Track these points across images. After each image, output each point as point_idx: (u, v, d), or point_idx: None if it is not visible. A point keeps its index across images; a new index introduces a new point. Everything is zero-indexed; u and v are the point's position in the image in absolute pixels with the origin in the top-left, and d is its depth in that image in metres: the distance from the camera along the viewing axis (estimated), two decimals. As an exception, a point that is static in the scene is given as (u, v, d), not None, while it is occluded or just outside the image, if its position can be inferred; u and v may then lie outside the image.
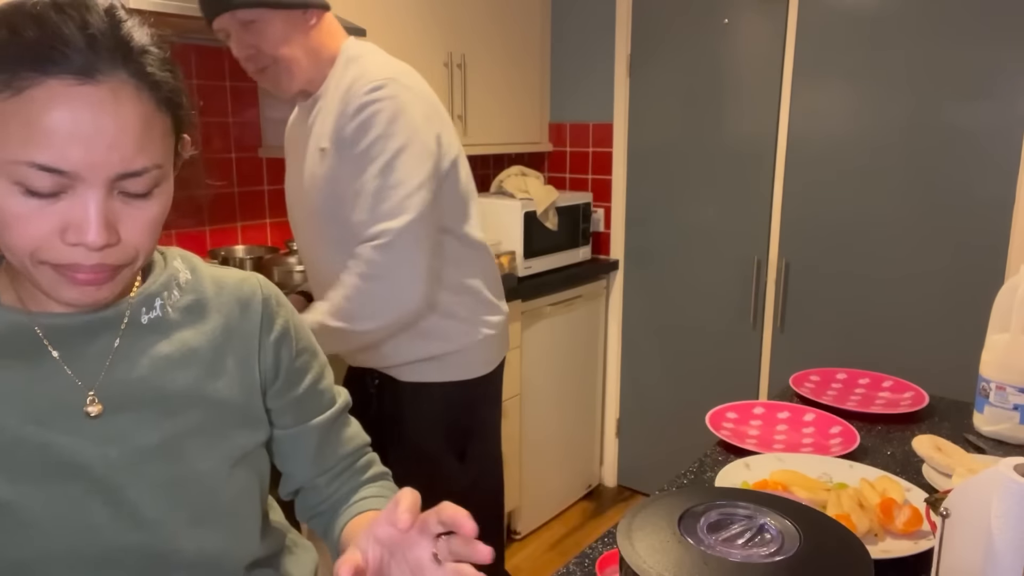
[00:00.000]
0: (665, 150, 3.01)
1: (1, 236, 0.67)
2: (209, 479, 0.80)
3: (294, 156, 1.64)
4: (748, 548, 0.73)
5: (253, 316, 0.88)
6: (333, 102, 1.51)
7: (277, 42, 1.45)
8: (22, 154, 0.62)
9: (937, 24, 2.38)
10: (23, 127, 0.61)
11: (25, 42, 0.61)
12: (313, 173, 1.55)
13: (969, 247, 2.43)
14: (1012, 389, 1.36)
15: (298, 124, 1.64)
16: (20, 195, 0.64)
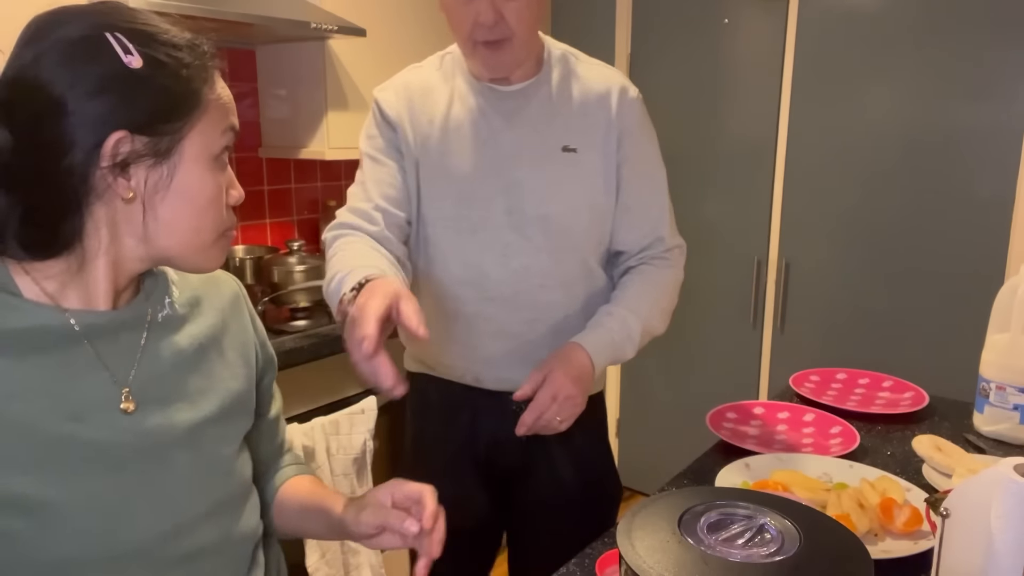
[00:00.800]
0: (665, 150, 3.00)
1: (195, 222, 0.78)
2: (227, 464, 0.86)
3: (462, 151, 1.31)
4: (748, 548, 0.73)
5: (242, 308, 0.95)
6: (571, 97, 1.33)
7: (529, 18, 1.22)
8: (225, 122, 0.80)
9: (937, 24, 2.38)
10: (218, 102, 0.80)
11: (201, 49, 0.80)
12: (547, 169, 1.30)
13: (969, 247, 2.43)
14: (1012, 389, 1.36)
15: (465, 112, 1.31)
16: (213, 168, 0.78)
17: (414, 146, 1.31)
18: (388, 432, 2.25)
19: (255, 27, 1.98)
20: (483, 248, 1.30)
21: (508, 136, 1.30)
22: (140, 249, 0.76)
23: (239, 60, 2.43)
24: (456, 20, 1.23)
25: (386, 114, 1.33)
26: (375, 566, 2.12)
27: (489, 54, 1.23)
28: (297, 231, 2.69)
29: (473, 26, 1.20)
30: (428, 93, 1.33)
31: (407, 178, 1.32)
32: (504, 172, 1.29)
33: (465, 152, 1.30)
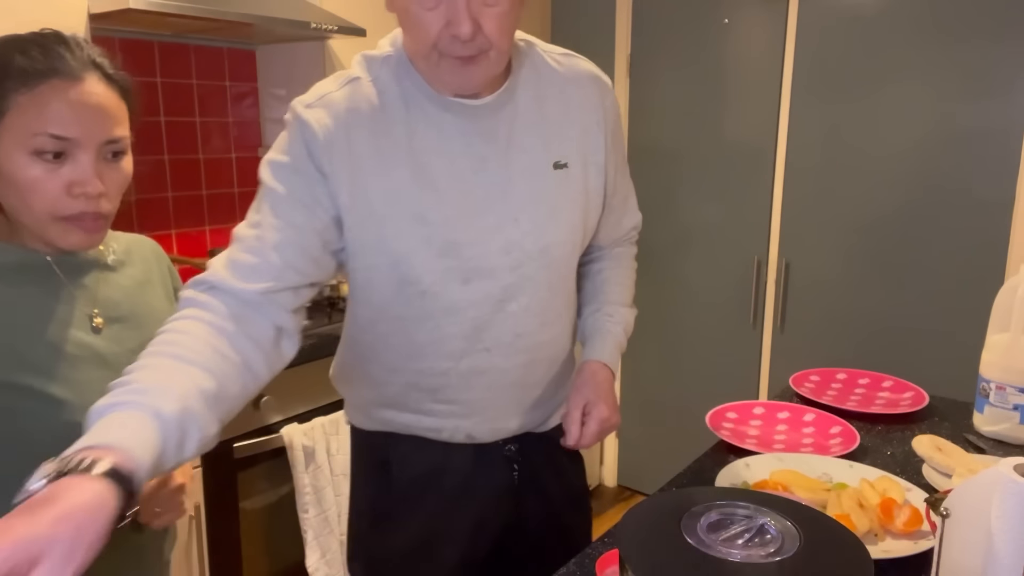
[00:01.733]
0: (665, 150, 3.01)
1: (24, 201, 0.92)
2: None
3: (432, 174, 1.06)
4: (748, 548, 0.73)
5: (163, 260, 1.17)
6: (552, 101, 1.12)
7: (509, 26, 0.99)
8: (38, 127, 0.89)
9: (937, 24, 2.38)
10: (38, 111, 0.90)
11: (35, 61, 0.93)
12: (542, 193, 1.11)
13: (969, 247, 2.43)
14: (1012, 389, 1.36)
15: (433, 130, 1.06)
16: (36, 161, 0.90)
17: (359, 191, 1.02)
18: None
19: (255, 27, 1.98)
20: (477, 299, 1.09)
21: (494, 161, 1.07)
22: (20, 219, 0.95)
23: (239, 60, 2.44)
24: (415, 25, 0.97)
25: (313, 144, 1.02)
26: (375, 566, 2.12)
27: (460, 69, 0.99)
28: (297, 231, 2.69)
29: (440, 36, 0.96)
30: (377, 116, 1.04)
31: (329, 232, 1.03)
32: (496, 205, 1.07)
33: (444, 189, 1.05)
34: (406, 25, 0.99)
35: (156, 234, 2.29)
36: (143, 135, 2.23)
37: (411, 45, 1.01)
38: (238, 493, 1.87)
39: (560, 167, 1.12)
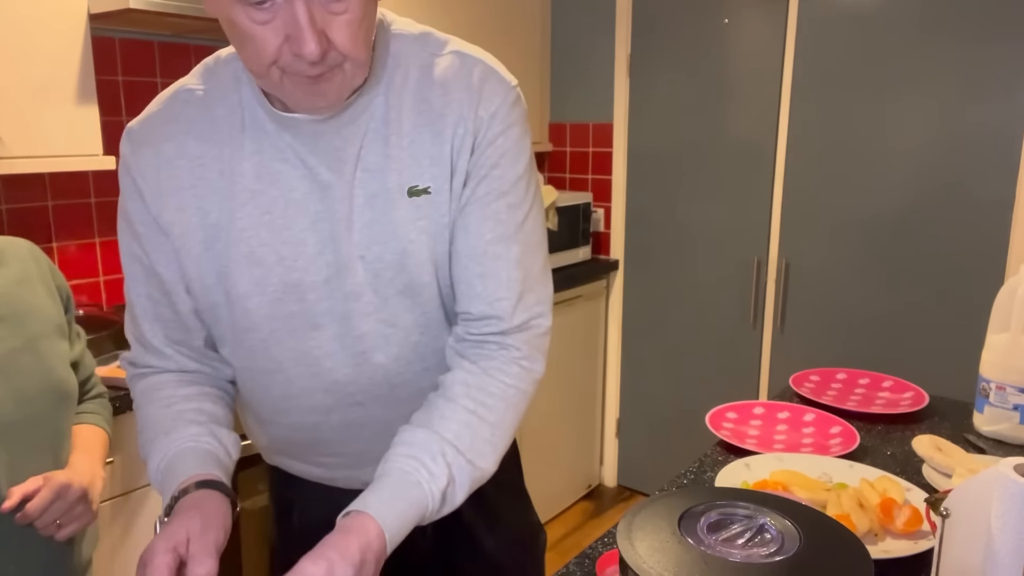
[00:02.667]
0: (665, 150, 3.01)
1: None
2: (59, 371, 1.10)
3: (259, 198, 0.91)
4: (748, 548, 0.73)
5: (39, 258, 1.15)
6: (416, 117, 0.91)
7: (365, 32, 0.82)
8: None
9: (937, 24, 2.38)
10: None
11: None
12: (394, 225, 0.92)
13: (969, 247, 2.43)
14: (1012, 389, 1.36)
15: (276, 152, 0.90)
16: None
17: (188, 227, 0.91)
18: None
19: (255, 27, 1.98)
20: (332, 350, 0.95)
21: (339, 188, 0.90)
22: None
23: (239, 60, 2.44)
24: (246, 40, 0.80)
25: (140, 189, 0.91)
26: (375, 566, 2.11)
27: (310, 88, 0.82)
28: (297, 231, 2.68)
29: (280, 53, 0.79)
30: (204, 135, 0.90)
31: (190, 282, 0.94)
32: (341, 241, 0.90)
33: (280, 223, 0.90)
34: (235, 40, 0.82)
35: (156, 234, 2.29)
36: (143, 135, 2.23)
37: (245, 63, 0.83)
38: (238, 493, 1.87)
39: (417, 193, 0.90)
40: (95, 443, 1.17)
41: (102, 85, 2.08)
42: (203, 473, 0.87)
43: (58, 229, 2.07)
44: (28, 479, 0.99)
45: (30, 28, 1.64)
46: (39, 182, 2.01)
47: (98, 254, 2.16)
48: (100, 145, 1.79)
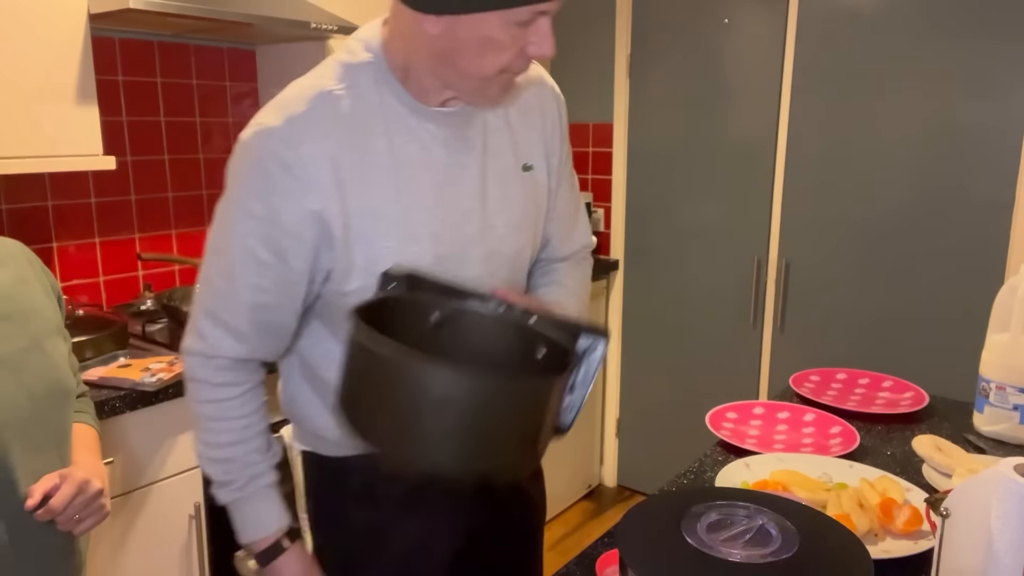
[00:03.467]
0: (665, 150, 3.01)
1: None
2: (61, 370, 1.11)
3: (424, 190, 1.02)
4: (748, 548, 0.73)
5: (33, 260, 1.15)
6: (514, 109, 1.11)
7: None
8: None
9: (937, 24, 2.38)
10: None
11: None
12: (504, 201, 1.09)
13: (969, 247, 2.43)
14: (1012, 389, 1.36)
15: (416, 144, 1.02)
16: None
17: (346, 216, 0.97)
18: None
19: (255, 27, 1.98)
20: None
21: (473, 168, 1.05)
22: None
23: (239, 60, 2.44)
24: (495, 47, 0.92)
25: (287, 179, 0.95)
26: (375, 566, 2.11)
27: (510, 86, 1.00)
28: (297, 231, 2.69)
29: (516, 58, 0.94)
30: (355, 130, 0.98)
31: (306, 283, 1.01)
32: (477, 214, 1.05)
33: (430, 203, 1.01)
34: (474, 50, 0.92)
35: (156, 234, 2.29)
36: (143, 135, 2.23)
37: (474, 68, 0.94)
38: (238, 493, 1.87)
39: (527, 169, 1.11)
40: (92, 441, 1.18)
41: (102, 85, 2.08)
42: (287, 521, 1.11)
43: (58, 229, 2.07)
44: (43, 476, 1.00)
45: (30, 28, 1.64)
46: (39, 182, 2.01)
47: (98, 254, 2.16)
48: (100, 145, 1.79)
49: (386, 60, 1.01)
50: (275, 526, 1.09)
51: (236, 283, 0.99)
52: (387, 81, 1.01)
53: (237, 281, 0.99)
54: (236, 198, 0.98)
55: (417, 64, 0.98)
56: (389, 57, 1.01)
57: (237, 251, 0.98)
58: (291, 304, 1.02)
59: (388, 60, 1.01)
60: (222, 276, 1.00)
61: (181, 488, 1.74)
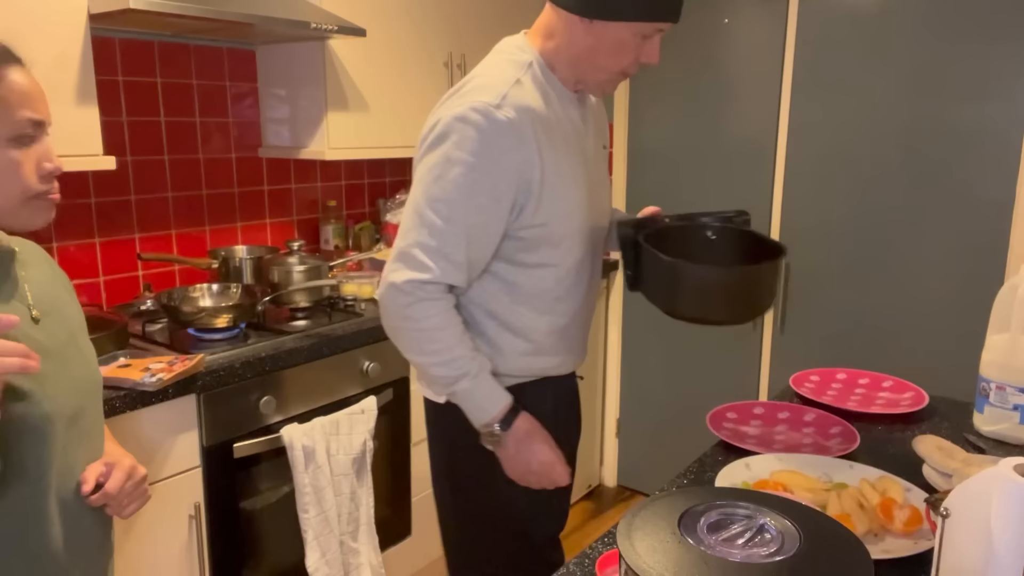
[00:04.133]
0: (665, 150, 3.01)
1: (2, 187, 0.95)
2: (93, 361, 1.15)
3: (576, 156, 1.38)
4: (748, 548, 0.73)
5: (52, 259, 1.18)
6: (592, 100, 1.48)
7: None
8: (18, 115, 0.95)
9: (937, 24, 2.38)
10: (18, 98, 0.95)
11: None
12: (601, 172, 1.48)
13: (969, 247, 2.43)
14: (1012, 389, 1.36)
15: (569, 121, 1.38)
16: (14, 146, 0.95)
17: (549, 173, 1.29)
18: (388, 432, 2.25)
19: (255, 27, 1.98)
20: (594, 244, 1.46)
21: (590, 142, 1.42)
22: None
23: (239, 60, 2.44)
24: (624, 50, 1.28)
25: (507, 138, 1.24)
26: (375, 566, 2.12)
27: (614, 86, 1.38)
28: (297, 231, 2.69)
29: (632, 64, 1.31)
30: (541, 109, 1.30)
31: (506, 221, 1.30)
32: (600, 183, 1.45)
33: (585, 169, 1.38)
34: (604, 51, 1.29)
35: (156, 234, 2.29)
36: (143, 135, 2.23)
37: (605, 64, 1.31)
38: (238, 493, 1.87)
39: (605, 148, 1.50)
40: (108, 432, 1.22)
41: (102, 85, 2.08)
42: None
43: (58, 229, 2.07)
44: (89, 465, 1.07)
45: (30, 28, 1.64)
46: (39, 182, 2.01)
47: (98, 254, 2.16)
48: (100, 145, 1.79)
49: (541, 59, 1.34)
50: (507, 397, 1.33)
51: (458, 224, 1.25)
52: (546, 75, 1.35)
53: (459, 223, 1.25)
54: (458, 157, 1.24)
55: (560, 60, 1.34)
56: (543, 56, 1.35)
57: (460, 197, 1.24)
58: (495, 240, 1.31)
59: (542, 59, 1.35)
60: (444, 219, 1.25)
61: (181, 488, 1.74)
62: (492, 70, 1.32)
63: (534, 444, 1.33)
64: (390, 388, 2.22)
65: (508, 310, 1.38)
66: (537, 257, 1.36)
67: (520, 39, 1.38)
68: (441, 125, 1.27)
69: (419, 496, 2.41)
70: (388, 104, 2.50)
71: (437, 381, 1.33)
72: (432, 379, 1.33)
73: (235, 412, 1.83)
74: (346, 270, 2.57)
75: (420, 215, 1.26)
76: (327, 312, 2.20)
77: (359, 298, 2.32)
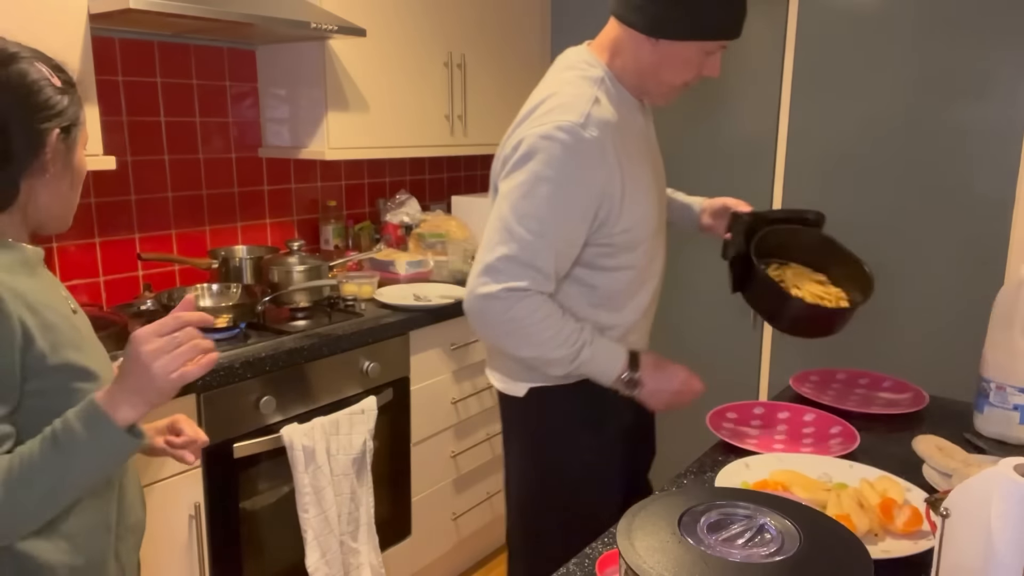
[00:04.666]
0: (665, 150, 3.00)
1: (75, 191, 1.13)
2: None
3: (646, 162, 1.48)
4: (748, 548, 0.73)
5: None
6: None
7: None
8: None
9: (937, 23, 2.38)
10: None
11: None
12: (661, 171, 1.59)
13: (969, 247, 2.43)
14: (1012, 389, 1.36)
15: (637, 129, 1.49)
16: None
17: (627, 184, 1.38)
18: (388, 432, 2.25)
19: (255, 27, 1.98)
20: (659, 252, 1.55)
21: (653, 144, 1.55)
22: (39, 212, 1.07)
23: (239, 60, 2.44)
24: (687, 65, 1.37)
25: (589, 157, 1.32)
26: (375, 566, 2.12)
27: (676, 96, 1.48)
28: (297, 231, 2.69)
29: (695, 77, 1.40)
30: (616, 123, 1.39)
31: (586, 231, 1.39)
32: (659, 182, 1.53)
33: (648, 176, 1.46)
34: (671, 66, 1.38)
35: (156, 234, 2.29)
36: (143, 135, 2.23)
37: (666, 77, 1.40)
38: (238, 493, 1.87)
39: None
40: None
41: (102, 85, 2.08)
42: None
43: (58, 229, 2.07)
44: (169, 419, 1.26)
45: (30, 28, 1.64)
46: (39, 182, 2.01)
47: (98, 254, 2.16)
48: (100, 145, 1.79)
49: (609, 72, 1.42)
50: (624, 349, 1.42)
51: (547, 238, 1.32)
52: (616, 87, 1.42)
53: (548, 237, 1.32)
54: (546, 175, 1.31)
55: (627, 73, 1.42)
56: (612, 70, 1.42)
57: (549, 213, 1.31)
58: (578, 250, 1.39)
59: (611, 72, 1.42)
60: (535, 233, 1.32)
61: (181, 488, 1.74)
62: (568, 88, 1.38)
63: (667, 368, 1.43)
64: (390, 388, 2.22)
65: (587, 311, 1.45)
66: (616, 261, 1.44)
67: (586, 53, 1.44)
68: (526, 144, 1.33)
69: (419, 496, 2.41)
70: (388, 104, 2.50)
71: (559, 363, 1.38)
72: (552, 364, 1.38)
73: (235, 412, 1.83)
74: (346, 270, 2.57)
75: (509, 230, 1.32)
76: (327, 312, 2.20)
77: (359, 298, 2.33)
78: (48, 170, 1.03)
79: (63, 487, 0.94)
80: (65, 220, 1.13)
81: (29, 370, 0.97)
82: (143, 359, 0.97)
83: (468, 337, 2.48)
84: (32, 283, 1.02)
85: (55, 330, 1.00)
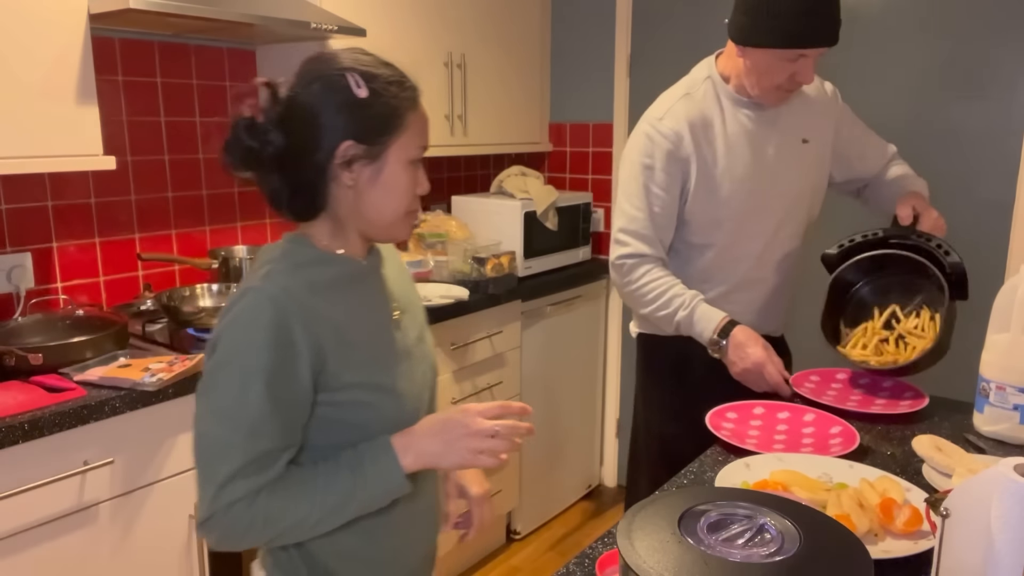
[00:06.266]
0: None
1: (393, 203, 1.06)
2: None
3: (746, 152, 1.69)
4: (748, 548, 0.73)
5: (398, 254, 1.28)
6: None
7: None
8: (421, 141, 1.07)
9: (937, 23, 2.38)
10: (420, 127, 1.07)
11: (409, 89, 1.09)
12: (790, 163, 1.74)
13: (969, 247, 2.42)
14: (1012, 389, 1.36)
15: (739, 123, 1.70)
16: (409, 168, 1.06)
17: (694, 167, 1.65)
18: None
19: (255, 27, 1.98)
20: (749, 235, 1.75)
21: (772, 139, 1.70)
22: (360, 222, 1.07)
23: (239, 60, 2.44)
24: (772, 70, 1.58)
25: (669, 146, 1.65)
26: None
27: (785, 95, 1.66)
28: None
29: (788, 80, 1.59)
30: (704, 116, 1.66)
31: (677, 205, 1.69)
32: (768, 172, 1.70)
33: (741, 164, 1.67)
34: (759, 68, 1.60)
35: (156, 234, 2.29)
36: (143, 135, 2.23)
37: (759, 80, 1.62)
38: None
39: (805, 142, 1.74)
40: None
41: (102, 85, 2.08)
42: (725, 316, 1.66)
43: (58, 229, 2.07)
44: (449, 500, 1.37)
45: (30, 28, 1.64)
46: (39, 182, 2.01)
47: (98, 254, 2.16)
48: (100, 145, 1.79)
49: (718, 74, 1.70)
50: (721, 315, 1.64)
51: (644, 211, 1.68)
52: (722, 87, 1.70)
53: (645, 210, 1.68)
54: (637, 160, 1.69)
55: (733, 75, 1.68)
56: (720, 72, 1.70)
57: (643, 191, 1.67)
58: (673, 221, 1.70)
59: (720, 74, 1.70)
60: (636, 207, 1.68)
61: (181, 488, 1.74)
62: (672, 89, 1.74)
63: (748, 348, 1.60)
64: (390, 388, 2.22)
65: (687, 279, 1.72)
66: (700, 238, 1.73)
67: (709, 58, 1.75)
68: (631, 136, 1.74)
69: (419, 496, 2.41)
70: (388, 104, 2.50)
71: (663, 321, 1.68)
72: (659, 321, 1.70)
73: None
74: (346, 270, 2.57)
75: (620, 208, 1.71)
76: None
77: (359, 298, 2.32)
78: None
79: (340, 512, 1.01)
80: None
81: (320, 386, 1.02)
82: (458, 429, 1.03)
83: (468, 337, 2.48)
84: (348, 298, 1.06)
85: (356, 347, 1.04)
